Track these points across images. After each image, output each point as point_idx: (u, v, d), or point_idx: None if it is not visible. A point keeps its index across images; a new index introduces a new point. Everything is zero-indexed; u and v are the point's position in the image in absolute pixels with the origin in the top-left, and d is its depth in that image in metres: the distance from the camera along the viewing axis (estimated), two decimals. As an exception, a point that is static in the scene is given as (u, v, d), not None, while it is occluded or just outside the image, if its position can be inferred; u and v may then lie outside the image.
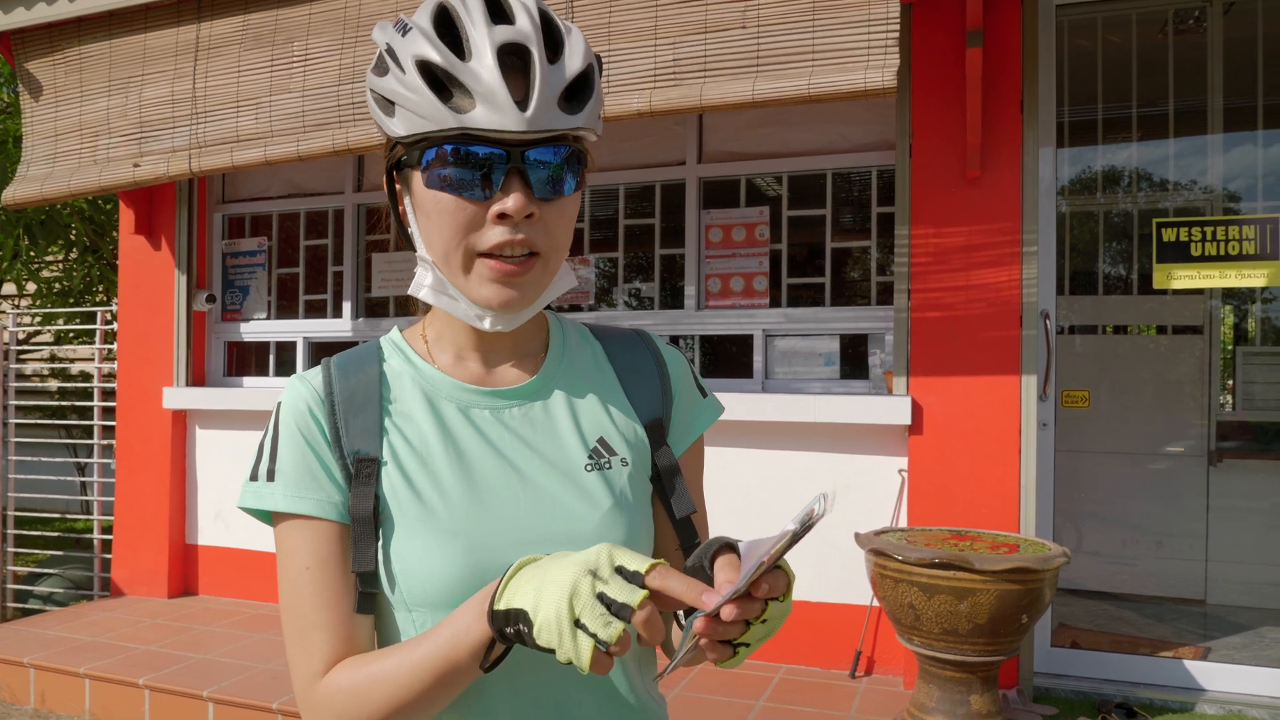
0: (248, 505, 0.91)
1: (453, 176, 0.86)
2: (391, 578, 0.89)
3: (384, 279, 4.95)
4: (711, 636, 0.73)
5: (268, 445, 0.92)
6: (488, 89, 0.83)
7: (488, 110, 0.83)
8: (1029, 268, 3.53)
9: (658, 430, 1.01)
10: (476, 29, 0.85)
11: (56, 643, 4.12)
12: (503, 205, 0.85)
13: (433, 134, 0.85)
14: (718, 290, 4.24)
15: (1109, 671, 3.70)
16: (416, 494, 0.90)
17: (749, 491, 3.92)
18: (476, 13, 0.86)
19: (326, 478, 0.90)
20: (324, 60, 3.81)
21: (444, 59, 0.84)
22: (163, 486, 4.99)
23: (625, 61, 3.32)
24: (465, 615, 0.81)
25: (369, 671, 0.85)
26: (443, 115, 0.84)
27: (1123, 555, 5.14)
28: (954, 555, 2.83)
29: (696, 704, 3.41)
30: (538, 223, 0.88)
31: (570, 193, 0.90)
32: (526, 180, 0.86)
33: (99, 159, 4.27)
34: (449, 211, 0.87)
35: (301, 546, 0.89)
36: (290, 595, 0.90)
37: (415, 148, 0.87)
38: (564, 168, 0.88)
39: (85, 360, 6.91)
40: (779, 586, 0.73)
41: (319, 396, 0.93)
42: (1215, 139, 5.01)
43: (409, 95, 0.85)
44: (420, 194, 0.89)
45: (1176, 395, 5.11)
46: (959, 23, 3.59)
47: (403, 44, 0.87)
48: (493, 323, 0.92)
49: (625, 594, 0.72)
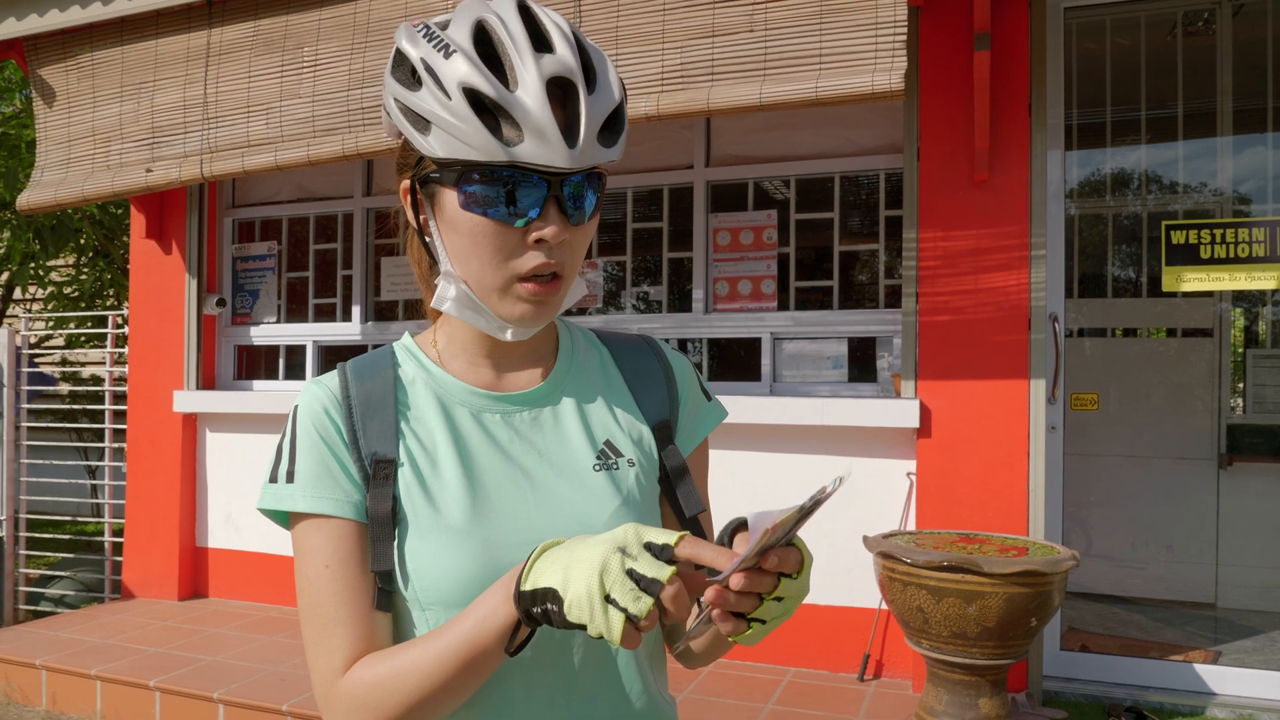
0: (268, 507, 0.93)
1: (495, 204, 0.87)
2: (406, 577, 0.90)
3: (393, 283, 4.97)
4: (722, 606, 0.75)
5: (286, 448, 0.94)
6: (537, 125, 0.84)
7: (536, 145, 0.84)
8: (1037, 271, 3.53)
9: (665, 432, 1.03)
10: (523, 59, 0.85)
11: (68, 644, 4.15)
12: (541, 233, 0.88)
13: (479, 163, 0.86)
14: (726, 294, 4.25)
15: (1119, 675, 3.68)
16: (430, 496, 0.92)
17: (756, 494, 3.92)
18: (520, 40, 0.86)
19: (345, 477, 0.92)
20: (334, 65, 3.83)
21: (494, 90, 0.84)
22: (173, 489, 5.02)
23: (633, 66, 3.33)
24: (490, 600, 0.83)
25: (393, 664, 0.87)
26: (492, 148, 0.84)
27: (1132, 559, 5.12)
28: (962, 558, 2.83)
29: (706, 706, 3.41)
30: (566, 245, 0.90)
31: (593, 214, 0.92)
32: (563, 208, 0.88)
33: (111, 164, 4.30)
34: (488, 235, 0.88)
35: (322, 546, 0.91)
36: (310, 594, 0.91)
37: (451, 169, 0.88)
38: (591, 192, 0.91)
39: (96, 364, 6.95)
40: (790, 562, 0.75)
41: (336, 399, 0.95)
42: (1225, 141, 4.99)
43: (454, 121, 0.85)
44: (454, 213, 0.90)
45: (1186, 398, 5.08)
46: (967, 25, 3.59)
47: (445, 66, 0.86)
48: (514, 334, 0.95)
49: (654, 570, 0.74)
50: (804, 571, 0.78)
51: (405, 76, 0.89)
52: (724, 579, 0.74)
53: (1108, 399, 5.16)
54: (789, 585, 0.77)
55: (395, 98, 0.90)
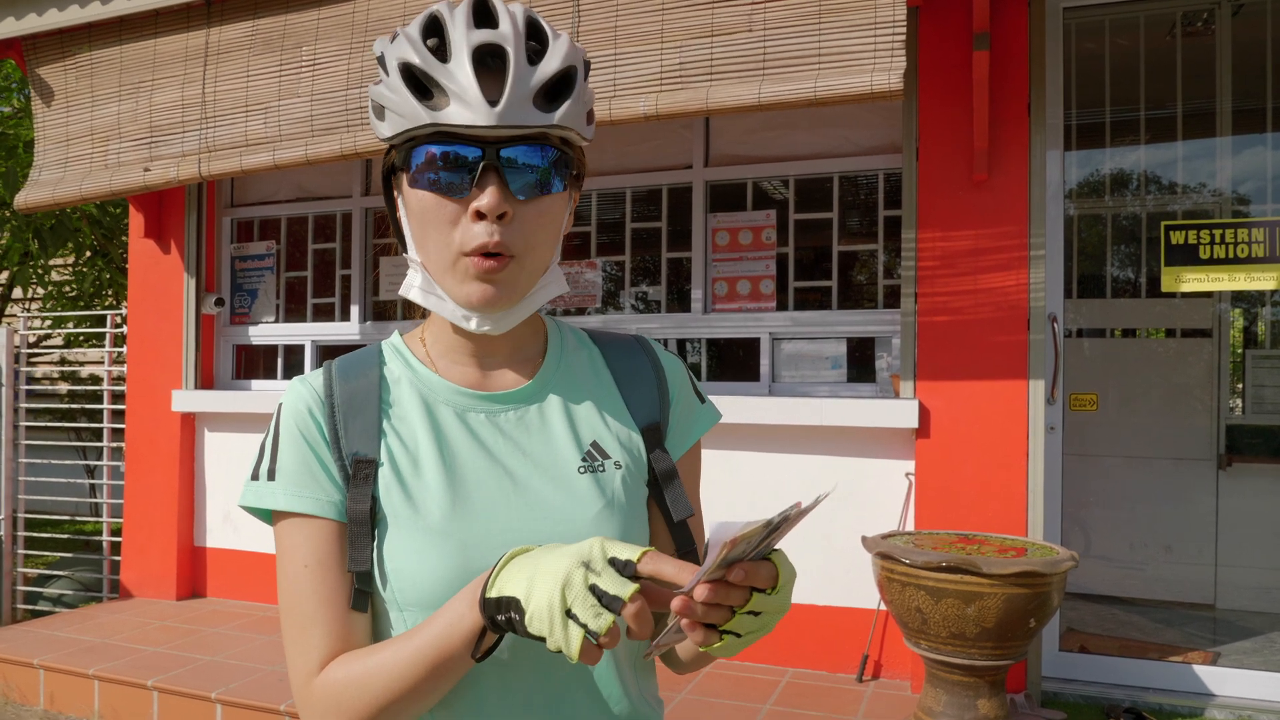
0: (249, 504, 0.93)
1: (432, 175, 0.88)
2: (384, 577, 0.90)
3: (391, 282, 4.96)
4: (689, 617, 0.73)
5: (269, 446, 0.94)
6: (461, 87, 0.86)
7: (460, 107, 0.86)
8: (1036, 271, 3.52)
9: (654, 434, 1.02)
10: (457, 32, 0.88)
11: (66, 644, 4.14)
12: (478, 203, 0.87)
13: (411, 131, 0.88)
14: (724, 294, 4.25)
15: (1118, 676, 3.68)
16: (410, 496, 0.91)
17: (754, 495, 3.92)
18: (460, 18, 0.89)
19: (326, 477, 0.92)
20: (332, 65, 3.83)
21: (423, 60, 0.87)
22: (171, 489, 5.01)
23: (631, 65, 3.33)
24: (458, 605, 0.82)
25: (364, 665, 0.87)
26: (418, 113, 0.87)
27: (1131, 559, 5.11)
28: (961, 559, 2.83)
29: (702, 707, 3.41)
30: (512, 223, 0.89)
31: (548, 190, 0.90)
32: (503, 179, 0.88)
33: (109, 163, 4.30)
34: (431, 209, 0.89)
35: (301, 545, 0.91)
36: (289, 593, 0.91)
37: (402, 150, 0.90)
38: (551, 171, 0.90)
39: (95, 363, 6.94)
40: (761, 577, 0.73)
41: (319, 398, 0.95)
42: (1224, 141, 4.99)
43: (392, 97, 0.88)
44: (408, 195, 0.91)
45: (1185, 399, 5.08)
46: (966, 25, 3.59)
47: (390, 49, 0.90)
48: (478, 323, 0.93)
49: (617, 586, 0.73)
50: (781, 587, 0.75)
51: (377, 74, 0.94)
52: (688, 590, 0.72)
53: (1107, 399, 5.16)
54: (764, 600, 0.74)
55: (370, 97, 0.94)
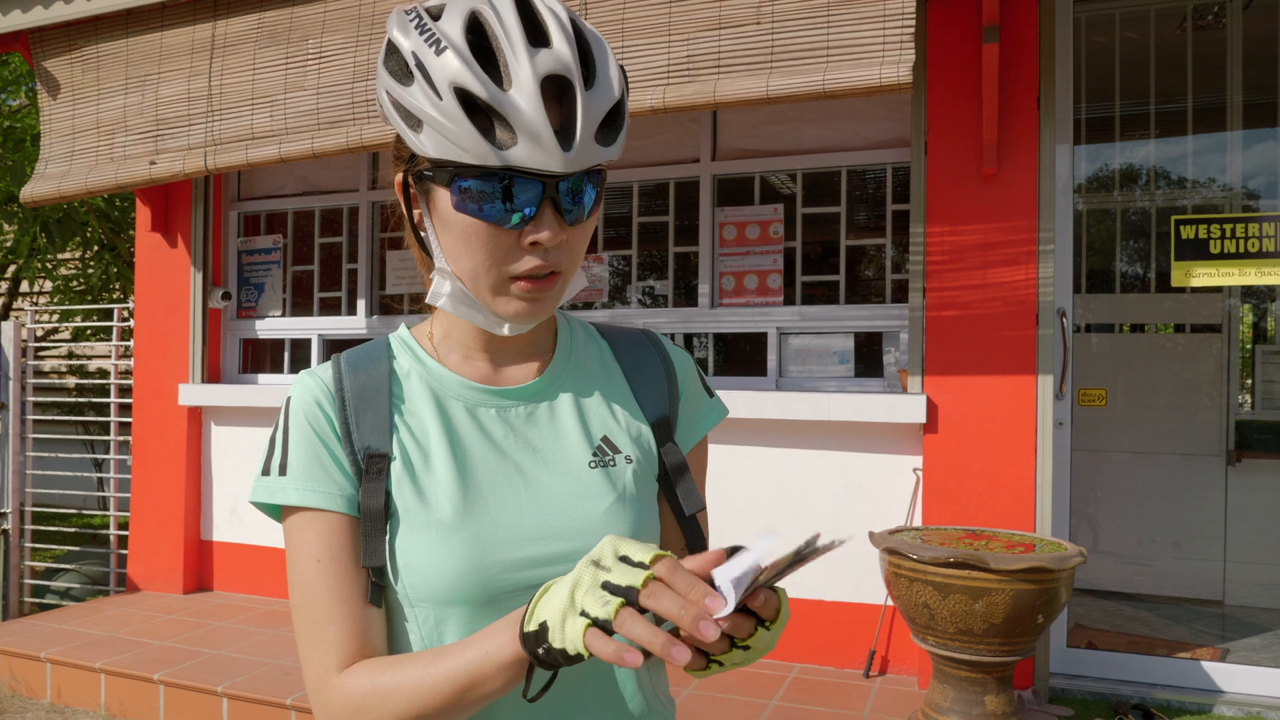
0: (260, 500, 0.91)
1: (487, 206, 0.84)
2: (396, 572, 0.89)
3: (398, 276, 4.96)
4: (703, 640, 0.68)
5: (278, 440, 0.92)
6: (531, 127, 0.80)
7: (530, 149, 0.81)
8: (1045, 266, 3.50)
9: (664, 428, 1.01)
10: (517, 56, 0.81)
11: (72, 638, 4.16)
12: (536, 235, 0.85)
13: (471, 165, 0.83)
14: (732, 288, 4.23)
15: (1126, 672, 3.67)
16: (421, 490, 0.90)
17: (762, 490, 3.91)
18: (515, 33, 0.82)
19: (337, 470, 0.90)
20: (339, 57, 3.82)
21: (486, 91, 0.80)
22: (178, 483, 5.02)
23: (639, 58, 3.31)
24: (498, 634, 0.79)
25: (391, 678, 0.84)
26: (484, 151, 0.81)
27: (1140, 555, 5.09)
28: (969, 554, 2.81)
29: (710, 703, 3.40)
30: (563, 245, 0.88)
31: (591, 211, 0.89)
32: (559, 209, 0.85)
33: (116, 157, 4.30)
34: (481, 236, 0.86)
35: (314, 540, 0.89)
36: (302, 589, 0.89)
37: (444, 169, 0.85)
38: (590, 188, 0.88)
39: (102, 357, 6.96)
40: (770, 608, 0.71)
41: (329, 391, 0.93)
42: (1235, 135, 4.95)
43: (445, 122, 0.81)
44: (447, 212, 0.87)
45: (1194, 394, 5.06)
46: (975, 18, 3.57)
47: (436, 64, 0.82)
48: (511, 329, 0.93)
49: (628, 577, 0.71)
50: (778, 623, 0.73)
51: (397, 69, 0.85)
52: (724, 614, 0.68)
53: (1115, 395, 5.14)
54: (760, 636, 0.72)
55: (387, 91, 0.86)
